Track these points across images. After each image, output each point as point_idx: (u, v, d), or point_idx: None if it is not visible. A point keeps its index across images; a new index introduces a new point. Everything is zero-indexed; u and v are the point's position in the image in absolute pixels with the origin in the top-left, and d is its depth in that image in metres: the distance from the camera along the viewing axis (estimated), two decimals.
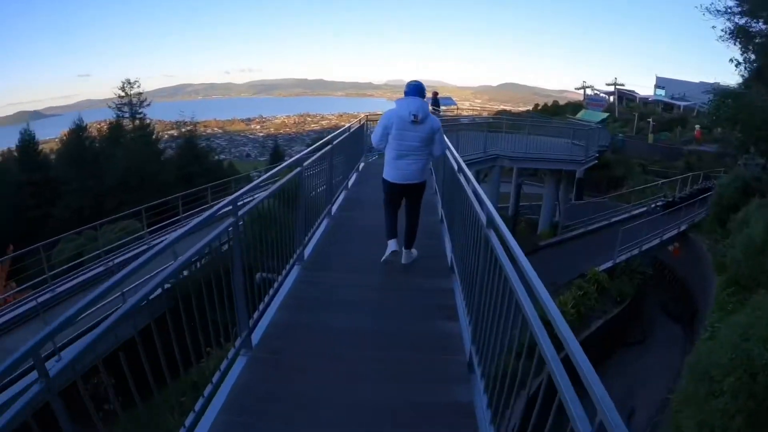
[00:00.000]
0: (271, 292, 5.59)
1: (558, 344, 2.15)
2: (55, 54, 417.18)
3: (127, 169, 37.56)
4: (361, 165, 14.33)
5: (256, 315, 5.03)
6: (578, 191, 29.03)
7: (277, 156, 65.69)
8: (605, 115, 43.57)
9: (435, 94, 24.19)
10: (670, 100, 67.98)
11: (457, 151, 7.28)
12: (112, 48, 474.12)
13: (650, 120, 45.80)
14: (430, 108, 19.13)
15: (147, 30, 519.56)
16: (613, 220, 23.58)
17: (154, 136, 43.92)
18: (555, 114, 58.02)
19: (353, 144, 12.67)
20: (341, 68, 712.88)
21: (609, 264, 18.70)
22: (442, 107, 26.67)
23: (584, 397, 1.88)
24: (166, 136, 53.57)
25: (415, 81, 6.66)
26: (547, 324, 2.31)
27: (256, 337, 4.89)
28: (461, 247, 5.55)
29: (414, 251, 7.11)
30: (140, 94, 43.83)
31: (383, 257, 6.73)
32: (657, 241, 20.69)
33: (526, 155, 20.60)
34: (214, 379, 4.09)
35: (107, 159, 38.79)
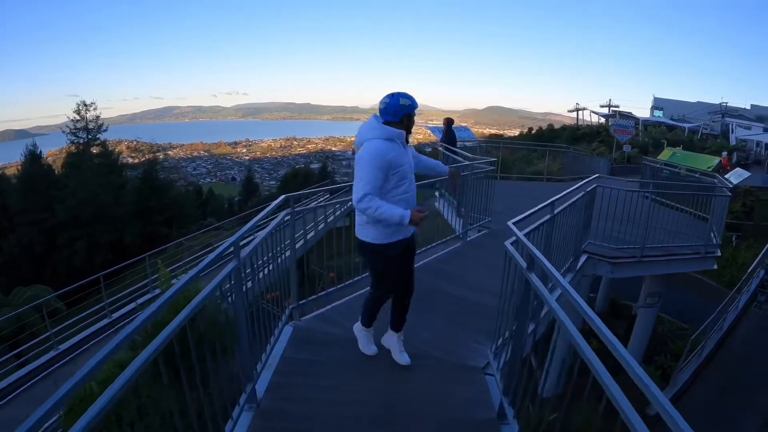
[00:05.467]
0: None
1: None
2: (45, 73, 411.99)
3: (81, 201, 33.11)
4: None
5: None
6: None
7: (250, 187, 58.20)
8: (715, 159, 29.19)
9: (447, 122, 14.81)
10: (672, 122, 63.72)
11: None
12: (100, 69, 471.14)
13: (680, 147, 38.49)
14: (440, 146, 12.90)
15: (135, 52, 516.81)
16: (725, 328, 14.34)
17: (119, 163, 39.30)
18: (551, 140, 52.17)
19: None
20: (328, 92, 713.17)
21: None
22: (459, 141, 16.10)
23: None
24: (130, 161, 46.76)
25: (392, 92, 4.33)
26: None
27: None
28: None
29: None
30: (98, 117, 37.90)
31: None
32: None
33: (644, 253, 9.35)
34: None
35: (62, 189, 34.12)
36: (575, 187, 7.27)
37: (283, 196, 5.33)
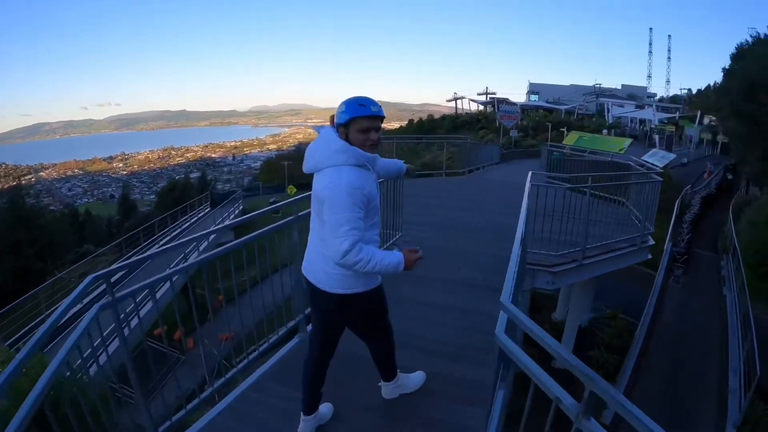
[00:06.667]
0: None
1: None
2: None
3: None
4: None
5: None
6: None
7: (127, 204, 54.35)
8: (626, 142, 29.23)
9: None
10: (548, 105, 66.91)
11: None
12: None
13: (563, 130, 39.11)
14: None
15: None
16: (651, 312, 13.57)
17: None
18: (432, 130, 52.71)
19: None
20: (204, 97, 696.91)
21: None
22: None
23: None
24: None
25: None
26: None
27: None
28: None
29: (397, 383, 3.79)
30: None
31: None
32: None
33: (585, 254, 7.95)
34: None
35: None
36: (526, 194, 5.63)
37: (91, 277, 3.21)
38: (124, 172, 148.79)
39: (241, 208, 31.71)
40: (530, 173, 6.83)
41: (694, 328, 13.26)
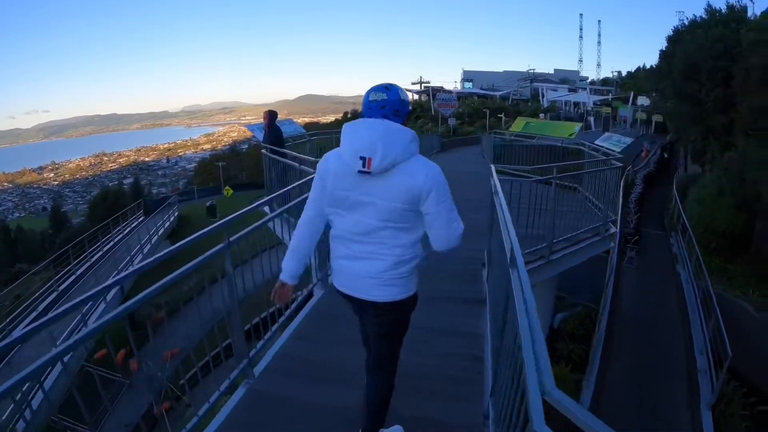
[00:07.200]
0: None
1: None
2: None
3: None
4: None
5: None
6: None
7: (58, 217, 51.96)
8: (576, 126, 25.92)
9: (270, 116, 11.68)
10: (483, 91, 66.99)
11: None
12: None
13: (501, 116, 39.28)
14: (264, 148, 10.97)
15: None
16: (609, 297, 13.31)
17: None
18: None
19: None
20: (134, 99, 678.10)
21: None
22: (287, 136, 13.31)
23: None
24: None
25: (380, 85, 2.67)
26: None
27: None
28: None
29: None
30: None
31: None
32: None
33: (553, 249, 7.51)
34: None
35: None
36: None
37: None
38: (56, 183, 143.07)
39: (176, 214, 30.57)
40: (493, 167, 6.08)
41: (655, 309, 13.16)
